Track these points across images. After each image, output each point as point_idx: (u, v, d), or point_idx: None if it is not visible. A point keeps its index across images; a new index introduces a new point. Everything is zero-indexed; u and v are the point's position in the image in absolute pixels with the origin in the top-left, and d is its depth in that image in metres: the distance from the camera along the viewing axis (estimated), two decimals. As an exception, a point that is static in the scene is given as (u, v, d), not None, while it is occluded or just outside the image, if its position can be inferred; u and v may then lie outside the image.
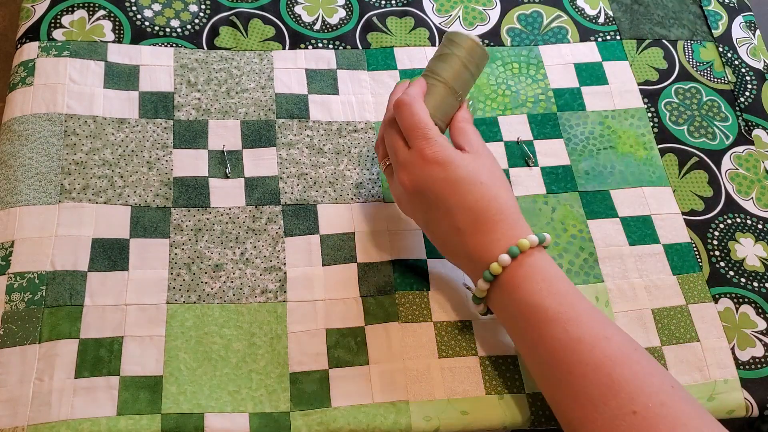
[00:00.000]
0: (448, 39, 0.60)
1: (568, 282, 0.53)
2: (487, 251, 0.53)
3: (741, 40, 0.79)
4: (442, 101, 0.58)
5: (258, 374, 0.56)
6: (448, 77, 0.58)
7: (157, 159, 0.65)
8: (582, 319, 0.50)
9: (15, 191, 0.61)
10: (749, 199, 0.69)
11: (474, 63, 0.59)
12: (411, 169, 0.56)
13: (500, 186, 0.56)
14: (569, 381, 0.48)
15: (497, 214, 0.54)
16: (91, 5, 0.72)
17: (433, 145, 0.55)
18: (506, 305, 0.53)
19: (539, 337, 0.50)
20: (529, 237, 0.53)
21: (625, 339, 0.50)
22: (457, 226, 0.54)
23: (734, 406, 0.59)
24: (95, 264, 0.59)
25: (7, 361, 0.54)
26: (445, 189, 0.54)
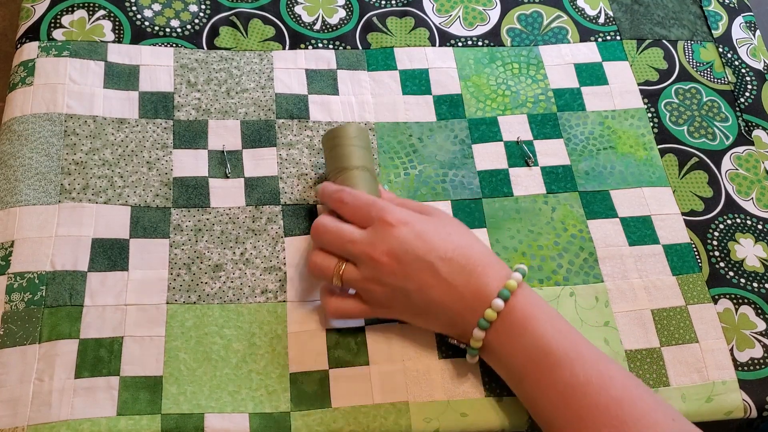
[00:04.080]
0: (329, 138, 0.62)
1: (560, 316, 0.53)
2: (479, 298, 0.52)
3: (741, 41, 0.79)
4: (368, 182, 0.59)
5: (258, 374, 0.56)
6: (358, 163, 0.60)
7: (157, 159, 0.65)
8: (586, 360, 0.50)
9: (15, 191, 0.61)
10: (749, 199, 0.69)
11: (365, 141, 0.61)
12: (379, 241, 0.54)
13: (467, 233, 0.56)
14: (578, 426, 0.48)
15: (479, 259, 0.54)
16: (91, 5, 0.71)
17: (393, 210, 0.55)
18: (508, 350, 0.52)
19: (547, 381, 0.50)
20: (514, 276, 0.53)
21: (627, 376, 0.51)
22: (446, 280, 0.53)
23: (732, 407, 0.59)
24: (95, 264, 0.59)
25: (7, 361, 0.54)
26: (419, 246, 0.53)
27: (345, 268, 0.55)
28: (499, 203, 0.67)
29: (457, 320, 0.54)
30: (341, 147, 0.61)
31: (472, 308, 0.53)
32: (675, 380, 0.59)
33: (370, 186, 0.60)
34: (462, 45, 0.75)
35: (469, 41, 0.75)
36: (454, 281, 0.53)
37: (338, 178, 0.60)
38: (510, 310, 0.52)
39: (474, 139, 0.70)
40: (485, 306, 0.52)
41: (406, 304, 0.55)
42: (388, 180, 0.66)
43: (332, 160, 0.62)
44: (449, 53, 0.74)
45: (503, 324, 0.52)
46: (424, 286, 0.53)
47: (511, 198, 0.67)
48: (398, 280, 0.54)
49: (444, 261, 0.53)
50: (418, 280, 0.53)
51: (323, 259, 0.56)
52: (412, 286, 0.54)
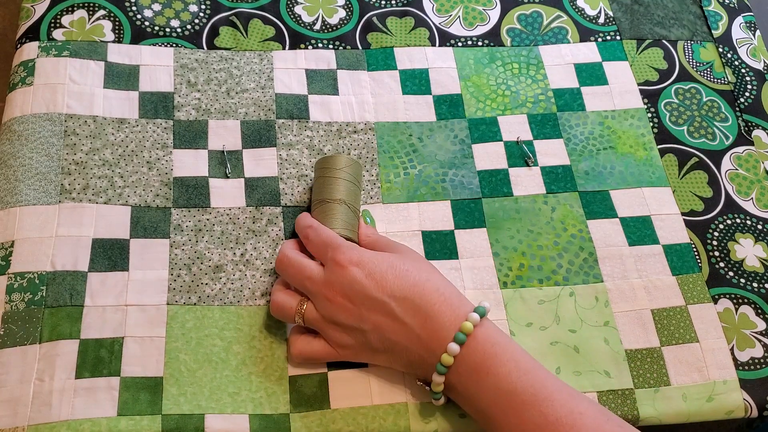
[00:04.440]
0: (319, 165, 0.62)
1: (525, 352, 0.51)
2: (434, 341, 0.51)
3: (741, 41, 0.79)
4: (344, 216, 0.59)
5: (258, 377, 0.56)
6: (341, 196, 0.59)
7: (157, 159, 0.65)
8: (555, 398, 0.48)
9: (15, 191, 0.61)
10: (749, 199, 0.69)
11: (353, 175, 0.61)
12: (333, 283, 0.53)
13: (427, 270, 0.54)
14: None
15: (436, 297, 0.52)
16: (91, 5, 0.71)
17: (345, 250, 0.54)
18: (473, 393, 0.51)
19: (516, 422, 0.48)
20: (470, 316, 0.51)
21: (597, 411, 0.49)
22: (400, 320, 0.52)
23: (733, 406, 0.59)
24: (95, 264, 0.59)
25: (8, 361, 0.54)
26: (372, 286, 0.52)
27: (306, 308, 0.55)
28: (499, 203, 0.67)
29: (417, 361, 0.53)
30: (327, 178, 0.61)
31: (430, 350, 0.51)
32: (675, 380, 0.59)
33: (346, 221, 0.59)
34: (462, 45, 0.75)
35: (469, 41, 0.75)
36: (409, 322, 0.52)
37: (316, 209, 0.60)
38: (469, 352, 0.50)
39: (474, 139, 0.70)
40: (441, 350, 0.50)
41: (365, 344, 0.54)
42: (388, 180, 0.66)
43: (317, 189, 0.62)
44: (449, 53, 0.74)
45: (463, 366, 0.50)
46: (380, 327, 0.52)
47: (511, 198, 0.67)
48: (354, 320, 0.53)
49: (397, 300, 0.52)
50: (372, 320, 0.52)
51: (284, 298, 0.56)
52: (368, 327, 0.53)
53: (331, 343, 0.55)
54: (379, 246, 0.58)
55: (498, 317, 0.61)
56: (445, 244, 0.64)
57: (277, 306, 0.56)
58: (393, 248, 0.57)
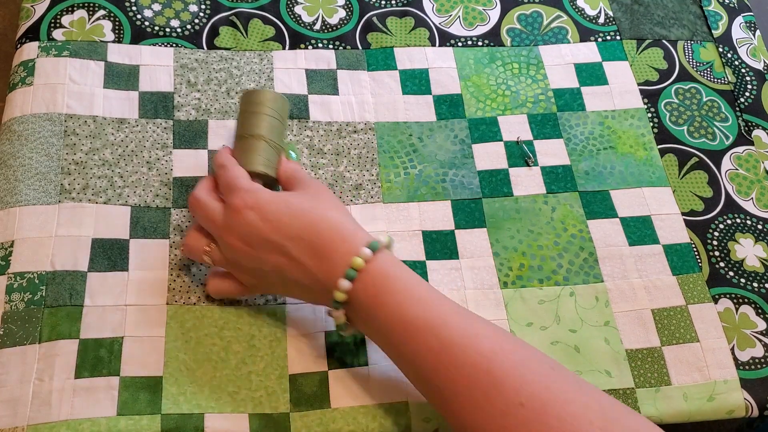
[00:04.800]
0: (243, 101, 0.61)
1: (422, 282, 0.52)
2: (328, 278, 0.51)
3: (741, 41, 0.79)
4: (264, 152, 0.59)
5: (258, 376, 0.56)
6: (261, 132, 0.59)
7: (157, 159, 0.65)
8: (450, 322, 0.49)
9: (15, 191, 0.61)
10: (749, 199, 0.69)
11: (277, 111, 0.60)
12: (230, 226, 0.54)
13: (328, 207, 0.54)
14: (452, 388, 0.47)
15: (331, 234, 0.52)
16: (91, 5, 0.71)
17: (241, 193, 0.54)
18: (372, 325, 0.51)
19: (413, 350, 0.49)
20: (362, 251, 0.51)
21: (496, 331, 0.49)
22: (297, 259, 0.52)
23: (734, 406, 0.59)
24: (95, 264, 0.59)
25: (7, 361, 0.54)
26: (267, 229, 0.53)
27: (213, 250, 0.56)
28: (499, 203, 0.67)
29: (318, 298, 0.54)
30: (249, 113, 0.60)
31: (326, 287, 0.52)
32: (676, 379, 0.59)
33: (265, 157, 0.59)
34: (462, 45, 0.75)
35: (469, 41, 0.76)
36: (305, 261, 0.52)
37: (236, 145, 0.60)
38: (362, 287, 0.50)
39: (474, 138, 0.70)
40: (334, 287, 0.51)
41: (269, 282, 0.55)
42: (388, 180, 0.66)
43: (238, 125, 0.61)
44: (449, 53, 0.74)
45: (357, 301, 0.51)
46: (279, 268, 0.53)
47: (511, 198, 0.67)
48: (254, 263, 0.54)
49: (293, 240, 0.52)
50: (271, 262, 0.53)
51: (194, 239, 0.57)
52: (268, 268, 0.53)
53: (242, 281, 0.56)
54: (294, 181, 0.58)
55: (498, 317, 0.61)
56: (446, 244, 0.64)
57: (188, 248, 0.57)
58: (304, 184, 0.57)
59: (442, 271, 0.63)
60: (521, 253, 0.64)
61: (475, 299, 0.61)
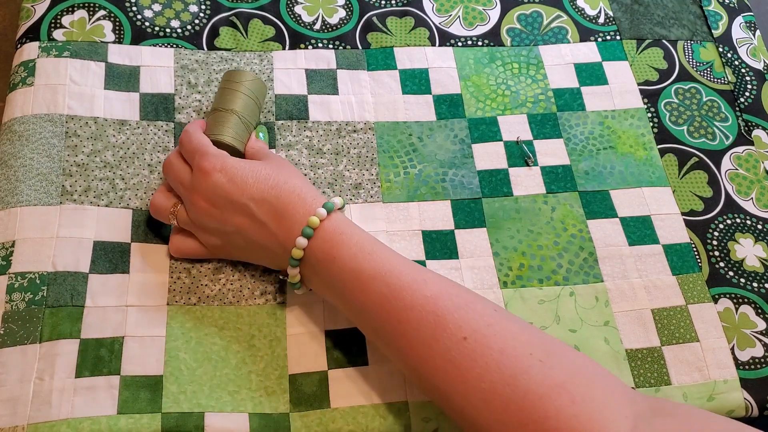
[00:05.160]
0: (224, 78, 0.64)
1: (374, 239, 0.54)
2: (287, 237, 0.54)
3: (741, 41, 0.79)
4: (234, 126, 0.62)
5: (258, 375, 0.56)
6: (234, 107, 0.62)
7: (158, 162, 0.65)
8: (399, 269, 0.52)
9: (16, 191, 0.61)
10: (749, 199, 0.69)
11: (252, 91, 0.63)
12: (198, 187, 0.56)
13: (289, 174, 0.57)
14: (400, 330, 0.50)
15: (291, 197, 0.55)
16: (92, 5, 0.72)
17: (210, 157, 0.56)
18: (326, 279, 0.54)
19: (365, 298, 0.52)
20: (318, 211, 0.53)
21: (442, 278, 0.52)
22: (259, 219, 0.55)
23: (734, 406, 0.59)
24: (96, 266, 0.59)
25: (8, 361, 0.54)
26: (233, 190, 0.55)
27: (179, 210, 0.58)
28: (499, 203, 0.67)
29: (276, 259, 0.56)
30: (226, 89, 0.63)
31: (284, 246, 0.54)
32: (676, 379, 0.59)
33: (235, 131, 0.61)
34: (462, 45, 0.75)
35: (469, 41, 0.76)
36: (266, 221, 0.55)
37: (209, 117, 0.63)
38: (317, 244, 0.53)
39: (474, 138, 0.70)
40: (292, 244, 0.54)
41: (232, 244, 0.58)
42: (388, 179, 0.66)
43: (215, 100, 0.64)
44: (449, 53, 0.74)
45: (312, 258, 0.53)
46: (241, 228, 0.56)
47: (511, 198, 0.67)
48: (217, 223, 0.56)
49: (256, 202, 0.55)
50: (234, 222, 0.56)
51: (161, 199, 0.60)
52: (231, 229, 0.56)
53: (202, 243, 0.59)
54: (258, 156, 0.61)
55: (498, 317, 0.61)
56: (446, 243, 0.64)
57: (155, 207, 0.60)
58: (268, 157, 0.60)
59: (442, 271, 0.63)
60: (521, 253, 0.64)
61: (475, 299, 0.61)
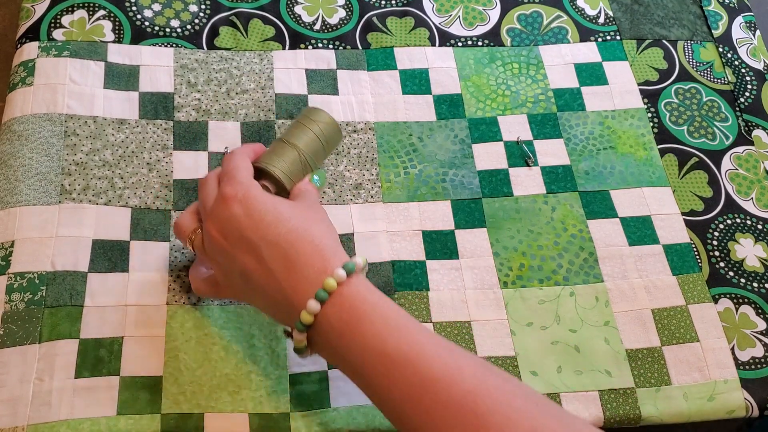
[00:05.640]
0: (305, 114, 0.60)
1: (399, 310, 0.48)
2: (296, 294, 0.48)
3: (741, 41, 0.79)
4: (291, 162, 0.56)
5: (258, 375, 0.56)
6: (298, 143, 0.58)
7: (157, 160, 0.65)
8: (430, 353, 0.45)
9: (15, 191, 0.61)
10: (749, 199, 0.69)
11: (325, 137, 0.59)
12: (215, 214, 0.51)
13: (315, 221, 0.51)
14: (431, 424, 0.44)
15: (308, 248, 0.49)
16: (91, 5, 0.72)
17: (234, 184, 0.51)
18: (341, 353, 0.48)
19: (389, 384, 0.45)
20: (336, 272, 0.47)
21: (478, 365, 0.46)
22: (267, 265, 0.49)
23: (734, 406, 0.59)
24: (96, 265, 0.59)
25: (7, 361, 0.54)
26: (247, 225, 0.49)
27: (197, 236, 0.54)
28: (499, 203, 0.67)
29: (281, 314, 0.50)
30: (298, 122, 0.59)
31: (291, 304, 0.48)
32: (676, 379, 0.59)
33: (289, 167, 0.56)
34: (462, 45, 0.75)
35: (469, 41, 0.76)
36: (274, 269, 0.48)
37: (272, 145, 0.58)
38: (333, 311, 0.47)
39: (474, 138, 0.70)
40: (302, 306, 0.47)
41: (235, 285, 0.52)
42: (388, 180, 0.66)
43: (290, 128, 0.60)
44: (449, 53, 0.74)
45: (326, 325, 0.47)
46: (247, 269, 0.50)
47: (511, 198, 0.67)
48: (225, 258, 0.51)
49: (268, 244, 0.49)
50: (242, 261, 0.50)
51: (185, 220, 0.55)
52: (237, 268, 0.50)
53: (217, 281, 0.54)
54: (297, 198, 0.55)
55: (498, 317, 0.61)
56: (446, 243, 0.64)
57: (177, 227, 0.55)
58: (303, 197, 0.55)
59: (442, 271, 0.63)
60: (521, 253, 0.64)
61: (475, 299, 0.61)
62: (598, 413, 0.57)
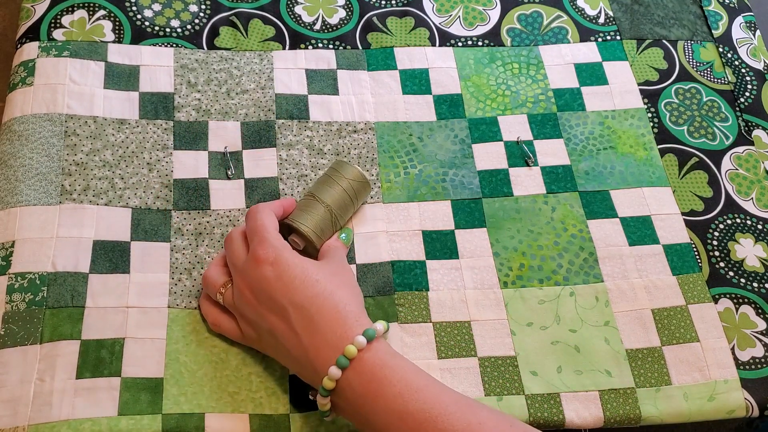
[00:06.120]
0: (333, 167, 0.62)
1: (419, 371, 0.50)
2: (319, 359, 0.49)
3: (741, 41, 0.79)
4: (321, 219, 0.59)
5: (258, 377, 0.56)
6: (327, 199, 0.60)
7: (157, 160, 0.65)
8: (451, 412, 0.47)
9: (15, 191, 0.61)
10: (749, 199, 0.69)
11: (354, 191, 0.61)
12: (246, 273, 0.54)
13: (341, 284, 0.53)
14: None
15: (333, 313, 0.51)
16: (91, 5, 0.71)
17: (266, 245, 0.53)
18: (363, 415, 0.49)
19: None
20: (356, 339, 0.49)
21: (499, 419, 0.47)
22: (293, 328, 0.51)
23: (734, 406, 0.59)
24: (96, 266, 0.59)
25: (8, 361, 0.54)
26: (277, 288, 0.52)
27: (227, 290, 0.56)
28: (499, 203, 0.67)
29: (306, 375, 0.52)
30: (329, 177, 0.61)
31: (314, 368, 0.50)
32: (677, 379, 0.59)
33: (320, 225, 0.59)
34: (462, 45, 0.75)
35: (469, 41, 0.76)
36: (300, 332, 0.51)
37: (301, 200, 0.61)
38: (354, 376, 0.48)
39: (474, 138, 0.70)
40: (324, 371, 0.49)
41: (264, 341, 0.54)
42: (388, 180, 0.66)
43: (318, 183, 0.62)
44: (449, 53, 0.74)
45: (348, 390, 0.49)
46: (274, 329, 0.52)
47: (511, 198, 0.67)
48: (256, 316, 0.53)
49: (296, 308, 0.51)
50: (270, 322, 0.52)
51: (215, 273, 0.57)
52: (265, 326, 0.53)
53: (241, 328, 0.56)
54: (326, 256, 0.58)
55: (498, 317, 0.61)
56: (446, 243, 0.64)
57: (206, 279, 0.57)
58: (331, 257, 0.57)
59: (442, 271, 0.63)
60: (521, 253, 0.64)
61: (475, 299, 0.61)
62: (598, 413, 0.57)
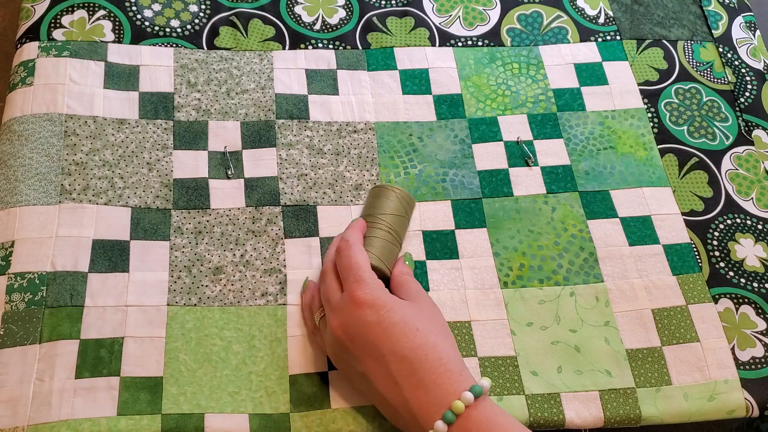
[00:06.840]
0: (379, 189, 0.62)
1: (524, 429, 0.49)
2: (423, 412, 0.48)
3: (741, 41, 0.79)
4: (385, 245, 0.59)
5: (258, 376, 0.56)
6: (389, 220, 0.60)
7: (157, 160, 0.65)
8: None
9: (15, 191, 0.61)
10: (749, 199, 0.69)
11: (404, 208, 0.61)
12: (341, 313, 0.52)
13: (439, 333, 0.52)
14: None
15: (436, 366, 0.50)
16: (91, 5, 0.71)
17: (364, 287, 0.52)
18: None
19: None
20: (464, 395, 0.48)
21: None
22: (393, 377, 0.50)
23: (734, 406, 0.59)
24: (96, 265, 0.59)
25: (8, 361, 0.54)
26: (377, 334, 0.51)
27: (322, 320, 0.56)
28: (499, 203, 0.67)
29: (401, 424, 0.51)
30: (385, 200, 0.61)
31: (416, 420, 0.49)
32: (677, 379, 0.59)
33: (387, 250, 0.59)
34: (462, 45, 0.75)
35: (469, 41, 0.76)
36: (401, 382, 0.50)
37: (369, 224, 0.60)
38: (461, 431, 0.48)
39: (474, 138, 0.70)
40: (428, 426, 0.48)
41: (355, 380, 0.54)
42: (388, 180, 0.66)
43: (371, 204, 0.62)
44: (449, 53, 0.74)
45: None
46: (369, 374, 0.51)
47: (511, 198, 0.67)
48: (347, 356, 0.53)
49: (397, 357, 0.50)
50: (365, 365, 0.51)
51: (313, 299, 0.58)
52: (359, 368, 0.52)
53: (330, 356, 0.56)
54: (404, 289, 0.57)
55: (499, 317, 0.61)
56: (446, 243, 0.64)
57: (305, 303, 0.59)
58: (416, 296, 0.56)
59: (442, 271, 0.63)
60: (521, 253, 0.64)
61: (476, 299, 0.61)
62: (599, 413, 0.57)
